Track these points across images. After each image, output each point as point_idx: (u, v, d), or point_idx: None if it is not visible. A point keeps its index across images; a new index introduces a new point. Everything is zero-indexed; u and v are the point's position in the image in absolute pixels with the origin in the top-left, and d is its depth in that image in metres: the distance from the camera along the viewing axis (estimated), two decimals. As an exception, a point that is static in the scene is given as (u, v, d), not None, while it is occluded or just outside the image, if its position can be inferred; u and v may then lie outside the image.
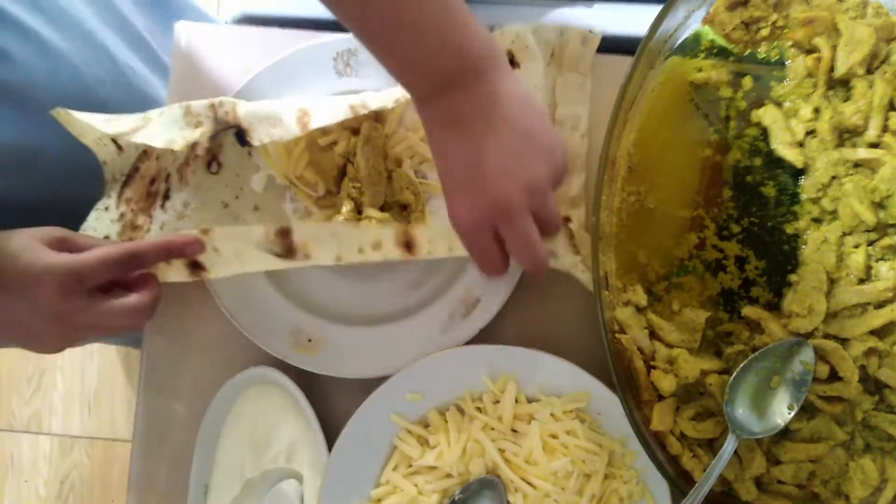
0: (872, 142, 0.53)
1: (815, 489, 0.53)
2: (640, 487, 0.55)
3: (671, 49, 0.56)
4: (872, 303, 0.52)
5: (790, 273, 0.54)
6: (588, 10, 0.62)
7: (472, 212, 0.46)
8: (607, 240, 0.54)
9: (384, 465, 0.57)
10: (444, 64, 0.44)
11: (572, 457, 0.54)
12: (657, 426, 0.52)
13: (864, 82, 0.53)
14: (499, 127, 0.45)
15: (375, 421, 0.56)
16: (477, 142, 0.45)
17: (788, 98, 0.55)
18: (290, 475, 0.59)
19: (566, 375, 0.55)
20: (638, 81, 0.54)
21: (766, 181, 0.55)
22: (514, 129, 0.45)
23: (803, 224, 0.54)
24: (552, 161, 0.47)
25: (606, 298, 0.53)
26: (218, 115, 0.56)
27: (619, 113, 0.53)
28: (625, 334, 0.53)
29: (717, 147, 0.56)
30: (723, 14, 0.55)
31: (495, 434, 0.56)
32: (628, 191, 0.55)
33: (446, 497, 0.56)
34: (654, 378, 0.53)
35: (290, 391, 0.58)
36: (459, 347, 0.56)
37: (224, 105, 0.56)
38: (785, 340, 0.52)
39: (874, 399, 0.52)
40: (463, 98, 0.45)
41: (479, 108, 0.45)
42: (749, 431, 0.51)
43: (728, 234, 0.55)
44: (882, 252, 0.53)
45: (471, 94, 0.45)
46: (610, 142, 0.52)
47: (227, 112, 0.56)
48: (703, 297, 0.55)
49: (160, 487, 0.63)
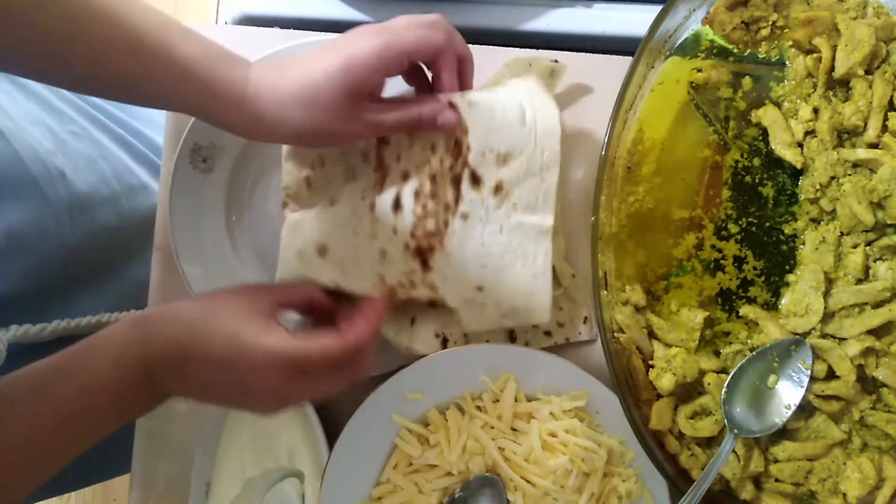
0: (871, 142, 0.53)
1: (812, 488, 0.53)
2: (639, 486, 0.56)
3: (671, 49, 0.56)
4: (870, 303, 0.52)
5: (788, 273, 0.54)
6: (588, 10, 0.62)
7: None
8: (606, 240, 0.54)
9: (385, 464, 0.57)
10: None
11: (571, 455, 0.54)
12: (656, 425, 0.53)
13: (864, 82, 0.53)
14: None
15: (376, 420, 0.56)
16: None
17: (788, 98, 0.55)
18: (290, 474, 0.59)
19: (565, 375, 0.55)
20: (638, 81, 0.54)
21: (764, 181, 0.55)
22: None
23: (801, 224, 0.54)
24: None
25: (605, 298, 0.53)
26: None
27: (619, 113, 0.53)
28: (623, 334, 0.54)
29: (716, 147, 0.56)
30: (723, 14, 0.55)
31: (495, 433, 0.56)
32: (627, 191, 0.56)
33: (446, 495, 0.56)
34: (652, 377, 0.53)
35: (291, 390, 0.58)
36: (459, 347, 0.56)
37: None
38: (783, 340, 0.53)
39: (872, 398, 0.53)
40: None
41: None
42: (747, 430, 0.51)
43: (727, 235, 0.55)
44: (880, 252, 0.53)
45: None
46: (610, 142, 0.53)
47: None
48: (702, 297, 0.55)
49: (162, 486, 0.64)
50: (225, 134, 0.58)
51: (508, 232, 0.53)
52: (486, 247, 0.54)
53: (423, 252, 0.54)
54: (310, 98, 0.46)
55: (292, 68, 0.48)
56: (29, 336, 0.60)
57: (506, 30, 0.63)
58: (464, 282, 0.54)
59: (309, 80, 0.47)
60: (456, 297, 0.54)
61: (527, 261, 0.53)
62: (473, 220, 0.54)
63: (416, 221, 0.54)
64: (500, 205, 0.54)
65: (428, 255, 0.54)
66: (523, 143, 0.53)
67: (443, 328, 0.56)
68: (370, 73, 0.47)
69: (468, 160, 0.53)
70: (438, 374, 0.56)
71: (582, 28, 0.62)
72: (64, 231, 0.66)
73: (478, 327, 0.55)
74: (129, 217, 0.74)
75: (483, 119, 0.53)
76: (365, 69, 0.47)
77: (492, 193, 0.53)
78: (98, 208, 0.70)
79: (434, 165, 0.54)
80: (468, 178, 0.54)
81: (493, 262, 0.54)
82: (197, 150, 0.59)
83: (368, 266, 0.53)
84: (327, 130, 0.48)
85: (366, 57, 0.47)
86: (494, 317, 0.54)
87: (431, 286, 0.54)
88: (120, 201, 0.73)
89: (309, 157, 0.54)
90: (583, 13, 0.62)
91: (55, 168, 0.65)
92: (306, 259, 0.53)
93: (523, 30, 0.63)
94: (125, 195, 0.74)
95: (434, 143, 0.54)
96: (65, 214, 0.66)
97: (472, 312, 0.54)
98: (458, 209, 0.54)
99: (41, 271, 0.64)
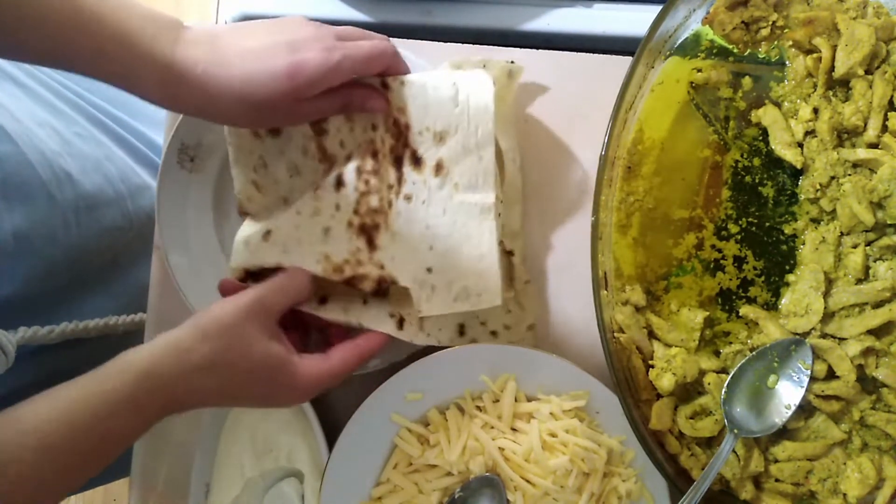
0: (871, 142, 0.53)
1: (812, 488, 0.53)
2: (639, 486, 0.56)
3: (671, 49, 0.56)
4: (870, 302, 0.52)
5: (788, 273, 0.54)
6: (588, 10, 0.62)
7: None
8: (606, 240, 0.54)
9: (384, 464, 0.57)
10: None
11: (571, 455, 0.54)
12: (656, 425, 0.53)
13: (864, 82, 0.53)
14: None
15: (376, 420, 0.56)
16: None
17: (788, 98, 0.55)
18: (290, 474, 0.59)
19: (565, 374, 0.55)
20: (638, 81, 0.54)
21: (764, 181, 0.55)
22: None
23: (801, 224, 0.54)
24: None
25: (605, 298, 0.53)
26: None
27: (618, 113, 0.53)
28: (623, 334, 0.54)
29: (716, 147, 0.56)
30: (723, 14, 0.55)
31: (495, 433, 0.56)
32: (627, 191, 0.56)
33: (446, 495, 0.56)
34: (652, 377, 0.53)
35: (291, 390, 0.59)
36: (459, 347, 0.56)
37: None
38: (783, 340, 0.53)
39: (872, 398, 0.53)
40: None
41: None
42: (747, 430, 0.51)
43: (727, 234, 0.55)
44: (880, 252, 0.53)
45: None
46: (610, 142, 0.53)
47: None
48: (702, 297, 0.55)
49: (162, 486, 0.64)
50: (212, 133, 0.58)
51: (452, 212, 0.54)
52: (432, 228, 0.54)
53: (367, 230, 0.54)
54: (249, 93, 0.46)
55: (230, 51, 0.47)
56: (37, 338, 0.60)
57: (506, 30, 0.63)
58: (413, 262, 0.54)
59: (250, 75, 0.46)
60: (407, 276, 0.54)
61: (471, 241, 0.54)
62: (416, 203, 0.54)
63: (358, 198, 0.54)
64: (443, 185, 0.54)
65: (373, 233, 0.54)
66: (457, 121, 0.54)
67: (398, 308, 0.56)
68: (316, 85, 0.48)
69: (408, 140, 0.54)
70: (438, 374, 0.56)
71: (582, 28, 0.62)
72: (71, 232, 0.66)
73: (431, 310, 0.55)
74: (134, 218, 0.74)
75: (417, 98, 0.53)
76: (311, 81, 0.47)
77: (433, 173, 0.54)
78: (104, 209, 0.70)
79: (377, 144, 0.54)
80: (409, 158, 0.54)
81: (439, 243, 0.54)
82: (184, 149, 0.59)
83: (311, 244, 0.53)
84: (261, 122, 0.49)
85: (315, 70, 0.47)
86: (447, 300, 0.54)
87: (379, 265, 0.54)
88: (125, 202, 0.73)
89: (250, 160, 0.54)
90: (583, 13, 0.62)
91: (62, 169, 0.65)
92: (252, 246, 0.53)
93: (523, 30, 0.63)
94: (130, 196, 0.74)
95: (374, 123, 0.55)
96: (72, 216, 0.66)
97: (424, 293, 0.54)
98: (402, 191, 0.54)
99: (49, 273, 0.64)
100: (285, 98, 0.47)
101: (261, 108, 0.47)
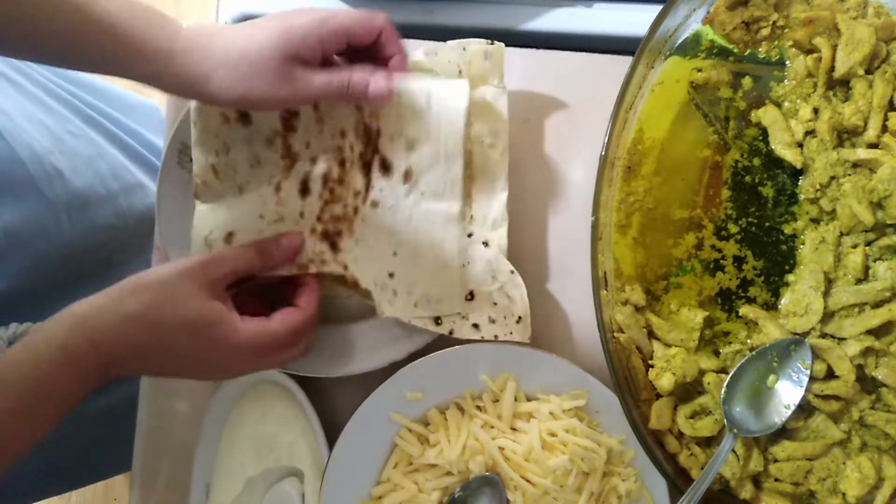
0: (871, 142, 0.53)
1: (812, 487, 0.53)
2: (639, 485, 0.56)
3: (671, 49, 0.56)
4: (870, 302, 0.52)
5: (788, 273, 0.54)
6: (588, 10, 0.62)
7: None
8: (606, 240, 0.54)
9: (385, 463, 0.57)
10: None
11: (571, 455, 0.54)
12: (655, 424, 0.53)
13: (864, 82, 0.53)
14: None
15: (376, 419, 0.56)
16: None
17: (788, 98, 0.55)
18: (291, 473, 0.59)
19: (565, 374, 0.56)
20: (638, 81, 0.54)
21: (764, 181, 0.55)
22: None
23: (801, 224, 0.54)
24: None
25: (605, 298, 0.53)
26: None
27: (618, 113, 0.53)
28: (623, 334, 0.54)
29: (716, 147, 0.56)
30: (723, 14, 0.55)
31: (495, 432, 0.56)
32: (627, 191, 0.56)
33: (446, 495, 0.56)
34: (652, 377, 0.53)
35: (292, 390, 0.59)
36: (459, 346, 0.56)
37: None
38: (782, 340, 0.53)
39: (871, 398, 0.53)
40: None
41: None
42: (746, 430, 0.52)
43: (726, 234, 0.55)
44: (880, 252, 0.53)
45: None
46: (610, 142, 0.53)
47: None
48: (702, 297, 0.55)
49: (162, 486, 0.64)
50: None
51: (417, 220, 0.55)
52: (396, 235, 0.55)
53: (330, 235, 0.55)
54: (247, 51, 0.47)
55: (226, 37, 0.48)
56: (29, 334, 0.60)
57: (506, 30, 0.63)
58: (375, 266, 0.55)
59: (249, 36, 0.48)
60: (369, 279, 0.55)
61: (434, 249, 0.54)
62: (383, 209, 0.54)
63: (322, 206, 0.54)
64: (409, 193, 0.54)
65: (336, 239, 0.55)
66: (428, 130, 0.54)
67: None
68: (309, 38, 0.48)
69: (378, 145, 0.54)
70: (438, 374, 0.56)
71: (582, 28, 0.62)
72: (63, 230, 0.66)
73: (394, 313, 0.55)
74: (127, 216, 0.74)
75: (392, 104, 0.53)
76: (305, 33, 0.48)
77: (402, 180, 0.54)
78: (97, 207, 0.70)
79: (345, 151, 0.54)
80: (378, 164, 0.54)
81: (402, 249, 0.55)
82: (184, 149, 0.59)
83: None
84: (258, 96, 0.49)
85: (307, 22, 0.48)
86: (407, 305, 0.55)
87: (343, 265, 0.54)
88: (118, 200, 0.73)
89: (214, 144, 0.54)
90: (583, 13, 0.62)
91: (53, 167, 0.65)
92: (214, 245, 0.54)
93: (523, 30, 0.63)
94: (123, 194, 0.74)
95: (343, 129, 0.55)
96: (63, 213, 0.66)
97: (386, 297, 0.55)
98: (369, 196, 0.55)
99: (40, 270, 0.64)
100: (283, 58, 0.47)
101: (258, 70, 0.47)
